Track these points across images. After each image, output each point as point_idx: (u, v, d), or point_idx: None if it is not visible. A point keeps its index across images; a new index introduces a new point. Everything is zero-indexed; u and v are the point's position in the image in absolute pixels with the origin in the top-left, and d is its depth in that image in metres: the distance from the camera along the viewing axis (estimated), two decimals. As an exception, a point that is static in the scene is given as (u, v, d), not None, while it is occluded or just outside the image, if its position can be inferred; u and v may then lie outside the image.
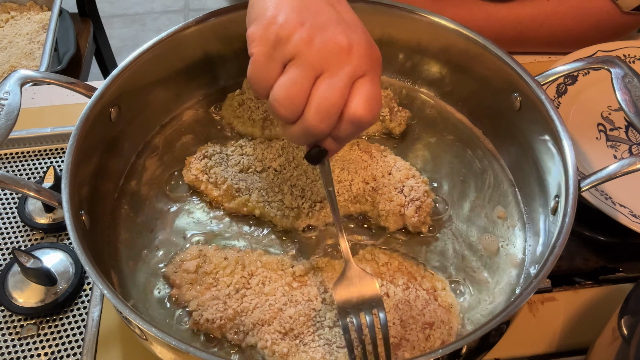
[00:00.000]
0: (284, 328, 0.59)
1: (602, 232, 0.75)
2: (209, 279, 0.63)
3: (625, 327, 0.50)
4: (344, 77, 0.49)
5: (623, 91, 0.63)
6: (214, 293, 0.62)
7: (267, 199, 0.69)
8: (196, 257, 0.65)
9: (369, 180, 0.70)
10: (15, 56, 1.34)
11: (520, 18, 0.92)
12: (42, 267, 0.67)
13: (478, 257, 0.67)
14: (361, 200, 0.69)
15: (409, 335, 0.59)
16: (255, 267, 0.63)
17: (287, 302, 0.60)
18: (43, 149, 0.82)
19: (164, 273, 0.65)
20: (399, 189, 0.69)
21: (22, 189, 0.58)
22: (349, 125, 0.50)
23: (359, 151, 0.72)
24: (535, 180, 0.69)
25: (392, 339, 0.58)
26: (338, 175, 0.70)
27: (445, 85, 0.81)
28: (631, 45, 0.89)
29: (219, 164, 0.72)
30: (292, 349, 0.57)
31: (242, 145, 0.74)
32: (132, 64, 0.69)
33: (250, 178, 0.71)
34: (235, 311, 0.60)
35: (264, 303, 0.60)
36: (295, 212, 0.68)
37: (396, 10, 0.77)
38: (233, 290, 0.62)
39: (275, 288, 0.61)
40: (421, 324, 0.59)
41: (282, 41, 0.49)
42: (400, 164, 0.71)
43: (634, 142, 0.82)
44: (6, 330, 0.66)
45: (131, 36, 2.49)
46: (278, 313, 0.60)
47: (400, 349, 0.58)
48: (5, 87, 0.63)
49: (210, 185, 0.71)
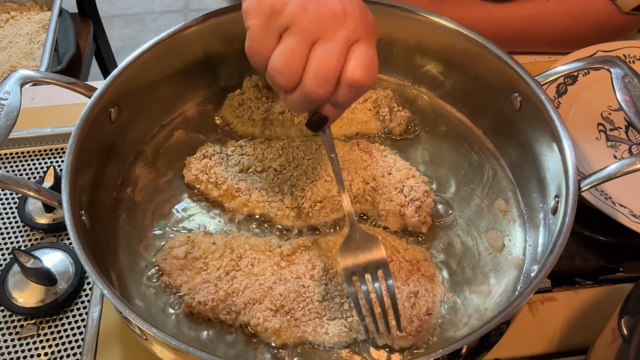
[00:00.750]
0: (275, 305, 0.60)
1: (602, 232, 0.75)
2: (199, 263, 0.64)
3: (625, 327, 0.50)
4: (340, 42, 0.50)
5: (623, 91, 0.63)
6: (205, 277, 0.63)
7: (268, 199, 0.69)
8: (185, 244, 0.66)
9: (369, 180, 0.70)
10: (15, 56, 1.34)
11: (520, 18, 0.92)
12: (42, 267, 0.67)
13: (480, 256, 0.67)
14: (361, 200, 0.69)
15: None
16: (243, 249, 0.65)
17: (276, 281, 0.62)
18: (43, 149, 0.82)
19: (154, 262, 0.66)
20: (399, 189, 0.69)
21: (22, 189, 0.59)
22: (347, 89, 0.51)
23: (359, 151, 0.72)
24: (535, 180, 0.69)
25: (379, 308, 0.59)
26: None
27: (445, 85, 0.81)
28: (631, 45, 0.89)
29: (219, 164, 0.72)
30: (284, 325, 0.60)
31: (242, 145, 0.74)
32: (132, 64, 0.69)
33: (250, 178, 0.71)
34: (226, 292, 0.62)
35: (254, 283, 0.62)
36: (296, 212, 0.68)
37: (396, 10, 0.77)
38: (223, 273, 0.63)
39: (264, 268, 0.63)
40: (406, 293, 0.62)
41: (277, 12, 0.50)
42: (400, 164, 0.72)
43: (634, 142, 0.82)
44: (6, 330, 0.66)
45: (131, 36, 2.49)
46: (268, 291, 0.61)
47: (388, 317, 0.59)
48: (5, 87, 0.63)
49: (211, 185, 0.71)
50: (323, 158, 0.72)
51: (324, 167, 0.71)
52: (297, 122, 0.78)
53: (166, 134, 0.78)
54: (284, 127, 0.77)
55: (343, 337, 0.60)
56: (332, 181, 0.70)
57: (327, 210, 0.69)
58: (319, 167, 0.71)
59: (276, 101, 0.79)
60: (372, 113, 0.79)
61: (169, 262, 0.65)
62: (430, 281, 0.63)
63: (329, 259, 0.64)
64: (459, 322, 0.62)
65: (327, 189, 0.69)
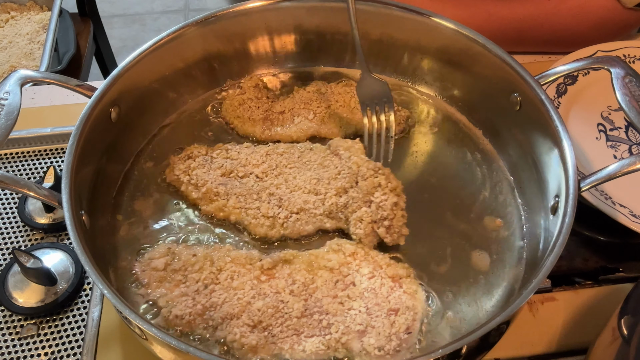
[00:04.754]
0: (253, 321, 0.59)
1: (602, 232, 0.75)
2: (178, 275, 0.63)
3: (625, 327, 0.50)
4: None
5: (623, 91, 0.63)
6: (183, 290, 0.62)
7: (245, 206, 0.68)
8: (165, 255, 0.65)
9: (341, 193, 0.68)
10: (15, 56, 1.34)
11: (521, 17, 0.92)
12: (42, 267, 0.67)
13: (468, 273, 0.67)
14: (336, 217, 0.68)
15: (374, 322, 0.60)
16: (224, 262, 0.64)
17: (255, 296, 0.61)
18: (43, 149, 0.82)
19: (134, 273, 0.65)
20: (368, 202, 0.67)
21: (22, 189, 0.58)
22: None
23: (331, 155, 0.72)
24: (535, 180, 0.69)
25: (358, 326, 0.59)
26: (315, 186, 0.69)
27: (445, 85, 0.81)
28: (631, 45, 0.89)
29: (202, 165, 0.72)
30: (261, 341, 0.59)
31: (228, 149, 0.74)
32: (132, 64, 0.69)
33: (230, 183, 0.70)
34: (204, 306, 0.61)
35: (233, 297, 0.61)
36: (271, 221, 0.67)
37: (396, 10, 0.77)
38: (202, 286, 0.62)
39: (243, 282, 0.62)
40: (387, 310, 0.61)
41: None
42: (363, 171, 0.69)
43: (634, 142, 0.82)
44: (6, 330, 0.66)
45: (131, 36, 2.49)
46: (246, 306, 0.60)
47: (366, 335, 0.59)
48: (5, 87, 0.63)
49: (191, 187, 0.70)
50: (305, 167, 0.71)
51: (305, 177, 0.70)
52: (297, 122, 0.78)
53: (166, 134, 0.78)
54: (284, 127, 0.77)
55: (320, 355, 0.58)
56: (309, 193, 0.69)
57: (302, 223, 0.68)
58: (299, 177, 0.70)
59: (276, 101, 0.80)
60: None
61: (148, 273, 0.64)
62: (412, 298, 0.62)
63: (310, 273, 0.63)
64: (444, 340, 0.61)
65: (305, 200, 0.68)
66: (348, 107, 0.79)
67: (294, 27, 0.82)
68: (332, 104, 0.79)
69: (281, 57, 0.85)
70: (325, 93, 0.80)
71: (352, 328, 0.59)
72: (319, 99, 0.80)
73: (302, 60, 0.85)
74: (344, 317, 0.60)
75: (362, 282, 0.62)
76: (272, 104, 0.79)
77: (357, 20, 0.75)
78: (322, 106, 0.79)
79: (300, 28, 0.82)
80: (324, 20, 0.81)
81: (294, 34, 0.83)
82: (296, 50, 0.84)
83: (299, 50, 0.84)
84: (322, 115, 0.79)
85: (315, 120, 0.78)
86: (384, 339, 0.59)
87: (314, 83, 0.82)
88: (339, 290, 0.62)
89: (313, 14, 0.80)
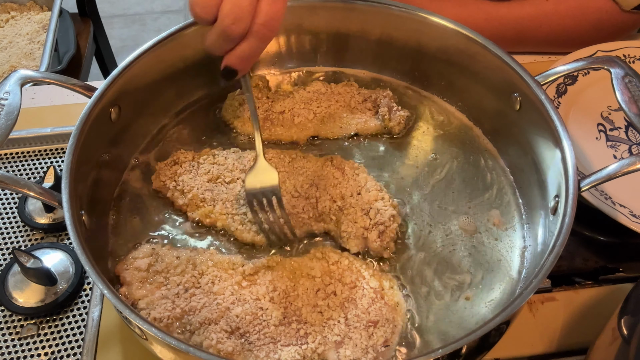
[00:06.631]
0: (230, 327, 0.59)
1: (602, 232, 0.75)
2: (160, 277, 0.63)
3: (625, 327, 0.50)
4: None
5: (623, 91, 0.63)
6: (164, 292, 0.62)
7: (231, 212, 0.68)
8: (148, 255, 0.65)
9: (336, 199, 0.68)
10: (15, 56, 1.34)
11: (520, 18, 0.92)
12: (42, 267, 0.67)
13: (475, 259, 0.67)
14: (326, 219, 0.68)
15: (352, 334, 0.59)
16: (206, 266, 0.64)
17: (234, 301, 0.61)
18: (43, 149, 0.82)
19: (115, 270, 0.64)
20: (365, 210, 0.67)
21: (22, 189, 0.58)
22: (255, 36, 0.59)
23: (331, 167, 0.71)
24: (535, 180, 0.69)
25: (335, 337, 0.59)
26: (307, 191, 0.69)
27: (444, 85, 0.81)
28: (631, 45, 0.89)
29: (189, 171, 0.71)
30: (237, 348, 0.58)
31: (214, 154, 0.73)
32: (132, 64, 0.69)
33: (217, 189, 0.70)
34: (183, 310, 0.60)
35: (212, 302, 0.61)
36: (257, 227, 0.67)
37: (396, 10, 0.77)
38: (182, 289, 0.62)
39: (224, 287, 0.62)
40: (365, 322, 0.60)
41: None
42: (371, 184, 0.69)
43: (634, 142, 0.82)
44: (6, 330, 0.66)
45: (131, 36, 2.49)
46: (225, 312, 0.60)
47: (343, 346, 0.58)
48: (5, 87, 0.63)
49: (177, 193, 0.70)
50: (297, 172, 0.71)
51: (292, 182, 0.70)
52: (297, 122, 0.78)
53: (166, 134, 0.78)
54: (284, 127, 0.77)
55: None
56: (299, 197, 0.69)
57: (290, 226, 0.67)
58: (287, 182, 0.70)
59: (276, 101, 0.80)
60: (371, 113, 0.79)
61: (130, 272, 0.63)
62: (392, 311, 0.61)
63: (291, 280, 0.63)
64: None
65: (293, 205, 0.68)
66: (348, 107, 0.79)
67: (294, 27, 0.82)
68: (332, 104, 0.79)
69: (281, 57, 0.85)
70: (325, 93, 0.80)
71: (330, 339, 0.59)
72: (319, 99, 0.80)
73: (302, 60, 0.85)
74: (322, 327, 0.60)
75: (344, 292, 0.62)
76: (272, 104, 0.79)
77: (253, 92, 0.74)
78: (322, 106, 0.79)
79: (300, 28, 0.82)
80: (324, 20, 0.81)
81: (294, 33, 0.83)
82: (296, 50, 0.84)
83: (299, 50, 0.84)
84: (322, 115, 0.79)
85: (315, 120, 0.78)
86: (360, 351, 0.58)
87: (314, 83, 0.82)
88: (320, 300, 0.61)
89: (313, 13, 0.80)
